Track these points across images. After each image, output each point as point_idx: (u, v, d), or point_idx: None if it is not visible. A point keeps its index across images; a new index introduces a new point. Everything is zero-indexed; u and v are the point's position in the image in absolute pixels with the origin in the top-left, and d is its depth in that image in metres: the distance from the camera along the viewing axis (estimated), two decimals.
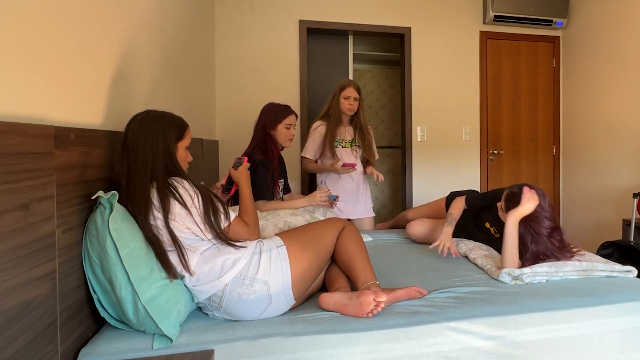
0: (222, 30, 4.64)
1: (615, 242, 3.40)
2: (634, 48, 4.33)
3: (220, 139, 4.64)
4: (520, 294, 2.08)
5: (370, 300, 1.83)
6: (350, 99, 3.59)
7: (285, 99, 4.57)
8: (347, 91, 3.59)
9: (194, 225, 1.80)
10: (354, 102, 3.59)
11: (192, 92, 3.65)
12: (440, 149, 5.25)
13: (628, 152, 4.41)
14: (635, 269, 2.32)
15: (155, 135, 1.81)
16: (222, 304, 1.83)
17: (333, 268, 2.20)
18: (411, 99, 5.15)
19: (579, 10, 5.13)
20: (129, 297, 1.63)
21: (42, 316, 1.38)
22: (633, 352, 1.99)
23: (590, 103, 4.99)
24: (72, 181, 1.59)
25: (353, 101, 3.59)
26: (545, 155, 5.53)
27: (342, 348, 1.72)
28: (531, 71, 5.47)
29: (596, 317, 1.96)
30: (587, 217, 5.04)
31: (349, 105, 3.59)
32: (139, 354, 1.62)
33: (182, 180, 1.82)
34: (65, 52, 1.62)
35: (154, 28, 2.65)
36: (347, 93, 3.59)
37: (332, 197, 3.13)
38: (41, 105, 1.48)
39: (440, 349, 1.79)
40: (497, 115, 5.40)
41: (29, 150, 1.30)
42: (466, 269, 2.50)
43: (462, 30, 5.26)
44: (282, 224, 2.53)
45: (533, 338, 1.88)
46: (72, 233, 1.61)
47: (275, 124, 2.94)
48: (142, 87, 2.45)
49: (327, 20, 4.90)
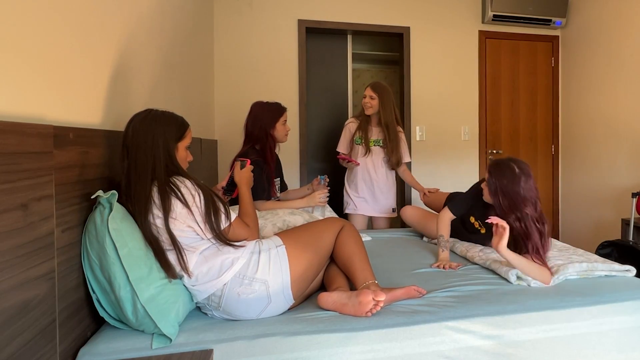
0: (221, 29, 4.64)
1: (614, 241, 3.40)
2: (633, 47, 4.33)
3: (219, 138, 4.65)
4: (519, 294, 2.08)
5: (369, 299, 1.83)
6: (366, 97, 3.74)
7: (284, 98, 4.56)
8: (366, 90, 3.77)
9: (194, 224, 1.80)
10: (370, 101, 3.71)
11: (191, 91, 3.65)
12: (439, 149, 5.26)
13: (627, 152, 4.41)
14: (634, 268, 2.32)
15: (156, 135, 1.81)
16: (221, 303, 1.83)
17: (332, 267, 2.20)
18: (410, 98, 5.15)
19: (578, 10, 5.13)
20: (128, 297, 1.63)
21: (41, 316, 1.38)
22: (632, 351, 1.99)
23: (589, 102, 4.99)
24: (71, 181, 1.59)
25: (369, 100, 3.71)
26: (544, 154, 5.54)
27: (341, 347, 1.72)
28: (530, 71, 5.47)
29: (595, 317, 1.96)
30: (586, 217, 5.05)
31: (364, 103, 3.75)
32: (138, 353, 1.62)
33: (184, 179, 1.82)
34: (64, 52, 1.62)
35: (152, 27, 2.65)
36: (365, 92, 3.76)
37: (322, 177, 3.21)
38: (40, 104, 1.48)
39: (439, 348, 1.79)
40: (496, 115, 5.40)
41: (27, 150, 1.30)
42: (465, 268, 2.51)
43: (461, 30, 5.26)
44: (281, 223, 2.53)
45: (532, 337, 1.88)
46: (71, 232, 1.61)
47: (273, 122, 2.96)
48: (141, 87, 2.45)
49: (326, 19, 4.90)
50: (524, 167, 2.38)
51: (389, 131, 3.73)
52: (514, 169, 2.35)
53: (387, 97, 3.73)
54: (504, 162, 2.42)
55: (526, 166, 2.39)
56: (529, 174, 2.37)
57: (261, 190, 2.81)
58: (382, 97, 3.71)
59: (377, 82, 3.79)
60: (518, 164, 2.38)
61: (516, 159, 2.45)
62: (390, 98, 3.76)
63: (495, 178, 2.38)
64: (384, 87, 3.75)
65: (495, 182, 2.38)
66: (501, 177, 2.36)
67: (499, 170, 2.38)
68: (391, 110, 3.74)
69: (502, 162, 2.42)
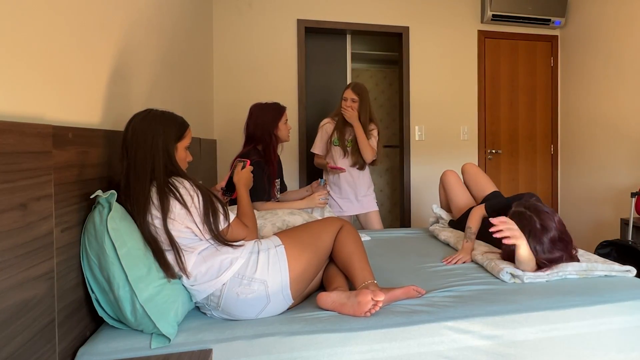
0: (220, 29, 4.64)
1: (613, 241, 3.40)
2: (632, 47, 4.34)
3: (219, 138, 4.64)
4: (519, 293, 2.08)
5: (368, 299, 1.82)
6: (347, 100, 3.62)
7: (284, 98, 4.58)
8: (346, 92, 3.64)
9: (193, 225, 1.80)
10: (352, 104, 3.59)
11: (190, 91, 3.65)
12: (439, 148, 5.26)
13: (626, 151, 4.41)
14: (634, 268, 2.32)
15: (156, 135, 1.81)
16: (220, 303, 1.83)
17: (331, 267, 2.20)
18: (409, 98, 5.15)
19: (577, 10, 5.14)
20: (126, 297, 1.63)
21: (40, 315, 1.38)
22: (631, 351, 1.99)
23: (588, 102, 5.00)
24: (70, 180, 1.59)
25: (351, 102, 3.60)
26: (543, 154, 5.54)
27: (340, 347, 1.72)
28: (529, 70, 5.47)
29: (594, 317, 1.96)
30: (585, 216, 5.05)
31: (345, 106, 3.61)
32: (136, 353, 1.62)
33: (182, 180, 1.82)
34: (63, 51, 1.62)
35: (152, 27, 2.64)
36: (345, 94, 3.64)
37: (322, 181, 3.25)
38: (39, 104, 1.48)
39: (438, 349, 1.79)
40: (495, 115, 5.40)
41: (27, 150, 1.30)
42: (464, 268, 2.50)
43: (460, 30, 5.26)
44: (280, 223, 2.53)
45: (531, 337, 1.88)
46: (70, 232, 1.60)
47: (276, 122, 2.97)
48: (140, 86, 2.45)
49: (325, 19, 4.90)
50: (544, 217, 2.31)
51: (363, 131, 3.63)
52: (535, 223, 2.30)
53: (366, 98, 3.66)
54: (525, 216, 2.35)
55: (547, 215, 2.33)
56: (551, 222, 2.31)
57: (262, 191, 2.81)
58: (363, 99, 3.63)
59: (357, 84, 3.69)
60: (540, 216, 2.32)
61: (537, 207, 2.37)
62: (368, 98, 3.69)
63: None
64: (364, 88, 3.67)
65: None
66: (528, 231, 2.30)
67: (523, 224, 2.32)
68: (367, 111, 3.65)
69: (524, 216, 2.35)
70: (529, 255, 2.23)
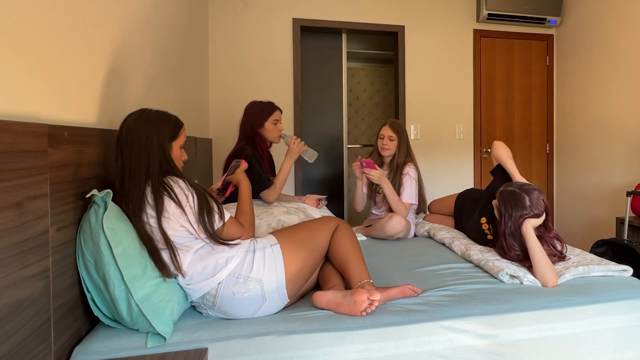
0: (216, 28, 4.63)
1: (608, 240, 3.41)
2: (627, 46, 4.35)
3: (214, 137, 4.64)
4: (515, 293, 2.08)
5: (364, 298, 1.83)
6: (384, 138, 3.40)
7: (279, 97, 4.58)
8: (383, 129, 3.43)
9: (187, 224, 1.79)
10: (389, 142, 3.38)
11: (186, 90, 3.64)
12: (434, 147, 5.26)
13: (622, 150, 4.43)
14: (631, 268, 2.32)
15: (150, 134, 1.80)
16: (216, 302, 1.82)
17: (327, 266, 2.20)
18: (405, 97, 5.15)
19: (573, 9, 5.15)
20: (122, 296, 1.63)
21: (35, 314, 1.37)
22: (627, 350, 2.00)
23: (583, 101, 5.01)
24: (66, 179, 1.58)
25: (387, 141, 3.39)
26: (539, 153, 5.56)
27: (335, 347, 1.72)
28: (525, 69, 5.49)
29: (590, 316, 1.97)
30: (581, 215, 5.07)
31: (382, 145, 3.41)
32: (132, 352, 1.62)
33: (177, 179, 1.82)
34: (59, 50, 1.61)
35: (147, 26, 2.64)
36: (382, 131, 3.43)
37: (323, 198, 3.28)
38: (35, 103, 1.47)
39: (434, 348, 1.80)
40: (491, 114, 5.41)
41: (22, 149, 1.30)
42: (461, 268, 2.51)
43: (455, 29, 5.27)
44: (275, 223, 2.54)
45: (527, 337, 1.89)
46: (66, 231, 1.60)
47: (262, 121, 2.98)
48: (136, 86, 2.45)
49: (320, 18, 4.90)
50: (532, 196, 2.36)
51: (396, 174, 3.38)
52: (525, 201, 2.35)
53: (404, 136, 3.42)
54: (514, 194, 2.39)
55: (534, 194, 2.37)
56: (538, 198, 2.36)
57: (265, 179, 2.83)
58: (401, 137, 3.40)
59: (394, 121, 3.45)
60: (529, 195, 2.36)
61: (527, 187, 2.41)
62: (406, 135, 3.45)
63: (504, 209, 2.40)
64: (402, 125, 3.44)
65: (504, 212, 2.40)
66: (509, 208, 2.38)
67: (506, 202, 2.39)
68: (405, 150, 3.41)
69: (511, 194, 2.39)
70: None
